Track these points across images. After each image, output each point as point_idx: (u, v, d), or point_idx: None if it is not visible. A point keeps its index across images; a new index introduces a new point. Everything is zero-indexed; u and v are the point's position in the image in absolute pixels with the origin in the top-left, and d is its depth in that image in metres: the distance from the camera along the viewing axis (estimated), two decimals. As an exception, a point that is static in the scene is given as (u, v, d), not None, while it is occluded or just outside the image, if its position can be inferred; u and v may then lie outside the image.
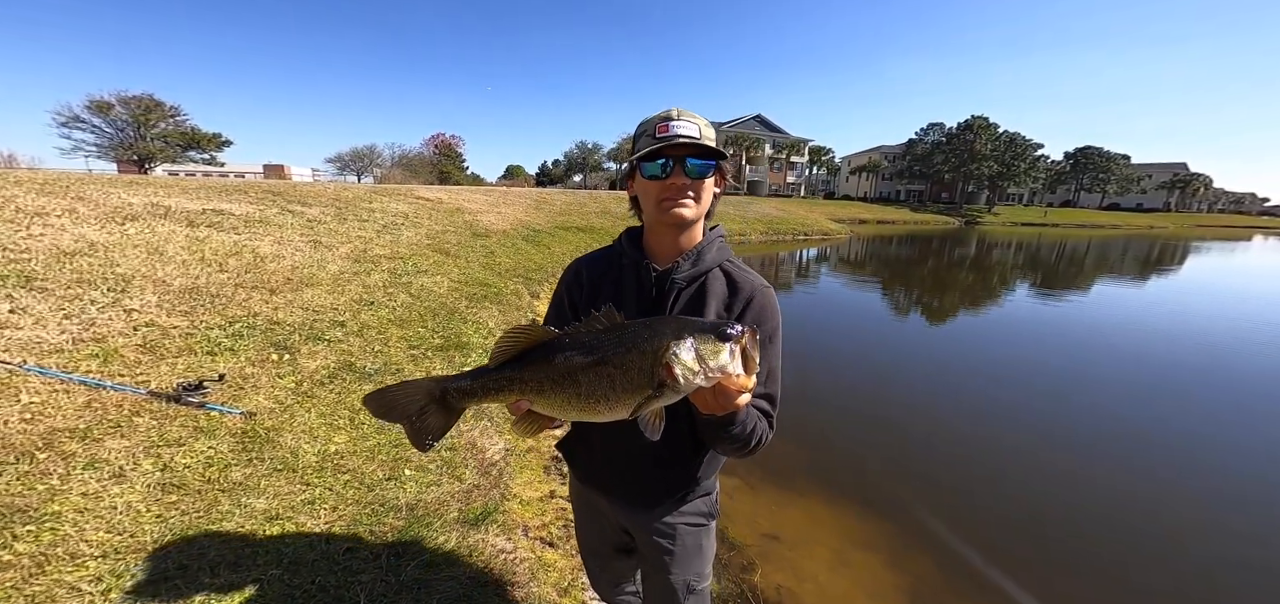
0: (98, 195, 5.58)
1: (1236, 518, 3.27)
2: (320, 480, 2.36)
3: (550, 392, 0.82)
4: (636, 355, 0.77)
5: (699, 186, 1.00)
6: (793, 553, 2.88)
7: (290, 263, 5.03)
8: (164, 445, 2.25)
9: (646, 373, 0.76)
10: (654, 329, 0.78)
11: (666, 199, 0.99)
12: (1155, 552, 2.99)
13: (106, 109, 31.55)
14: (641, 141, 1.01)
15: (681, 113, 0.99)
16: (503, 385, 0.85)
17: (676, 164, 0.97)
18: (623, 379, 0.77)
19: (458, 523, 2.34)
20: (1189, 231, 49.09)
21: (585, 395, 0.80)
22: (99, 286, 3.36)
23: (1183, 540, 3.07)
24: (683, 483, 1.14)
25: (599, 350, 0.79)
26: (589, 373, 0.79)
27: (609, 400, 0.79)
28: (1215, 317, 9.67)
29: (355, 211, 8.41)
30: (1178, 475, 3.78)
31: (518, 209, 14.23)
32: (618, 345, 0.78)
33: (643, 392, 0.77)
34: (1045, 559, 2.89)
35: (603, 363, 0.78)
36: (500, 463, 2.93)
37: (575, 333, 0.82)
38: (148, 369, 2.72)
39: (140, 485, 2.04)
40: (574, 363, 0.80)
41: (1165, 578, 2.79)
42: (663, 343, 0.76)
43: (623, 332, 0.80)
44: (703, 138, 0.97)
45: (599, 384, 0.78)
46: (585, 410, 0.81)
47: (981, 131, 57.13)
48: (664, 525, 1.15)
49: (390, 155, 47.94)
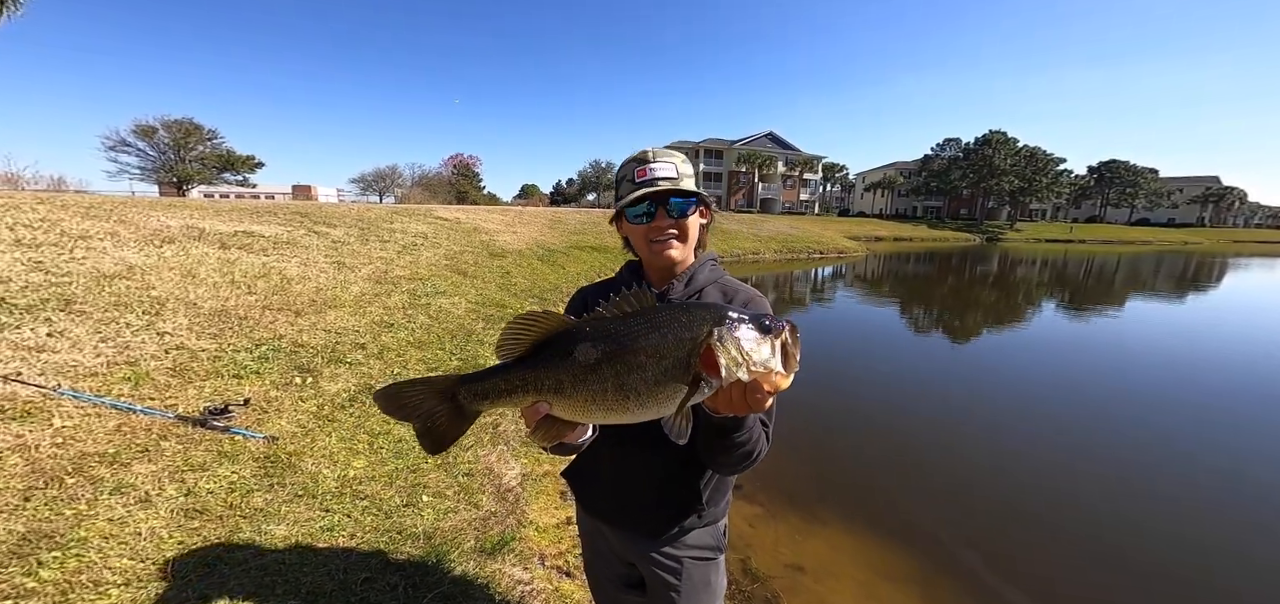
0: (138, 218, 5.83)
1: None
2: (339, 506, 2.35)
3: (570, 390, 0.73)
4: (672, 343, 0.69)
5: (683, 225, 1.03)
6: (819, 586, 2.76)
7: (315, 285, 5.15)
8: (189, 470, 2.28)
9: (682, 363, 0.69)
10: (691, 314, 0.71)
11: (655, 241, 1.03)
12: (1208, 583, 2.77)
13: (150, 133, 33.36)
14: (622, 187, 1.04)
15: (657, 153, 1.02)
16: (515, 386, 0.76)
17: (659, 206, 1.00)
18: (655, 371, 0.69)
19: (475, 552, 2.30)
20: (1225, 247, 47.00)
21: (613, 392, 0.71)
22: (135, 310, 3.48)
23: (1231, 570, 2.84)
24: (689, 511, 1.11)
25: (627, 338, 0.71)
26: (616, 365, 0.70)
27: (639, 396, 0.70)
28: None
29: (377, 232, 8.62)
30: (1230, 503, 3.52)
31: (533, 228, 14.41)
32: (649, 331, 0.71)
33: (678, 385, 0.69)
34: (1084, 586, 2.70)
35: (631, 352, 0.70)
36: (517, 488, 2.89)
37: (597, 320, 0.74)
38: (176, 392, 2.78)
39: (164, 511, 2.05)
40: (597, 354, 0.71)
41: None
42: (703, 329, 0.69)
43: (653, 316, 0.72)
44: (680, 178, 1.01)
45: (628, 377, 0.70)
46: (612, 410, 0.72)
47: (1000, 146, 56.18)
48: (669, 559, 1.12)
49: (410, 175, 49.49)
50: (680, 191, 0.99)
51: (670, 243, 1.02)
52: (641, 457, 1.10)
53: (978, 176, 56.66)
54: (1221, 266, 25.22)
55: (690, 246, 1.06)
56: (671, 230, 1.02)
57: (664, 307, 0.74)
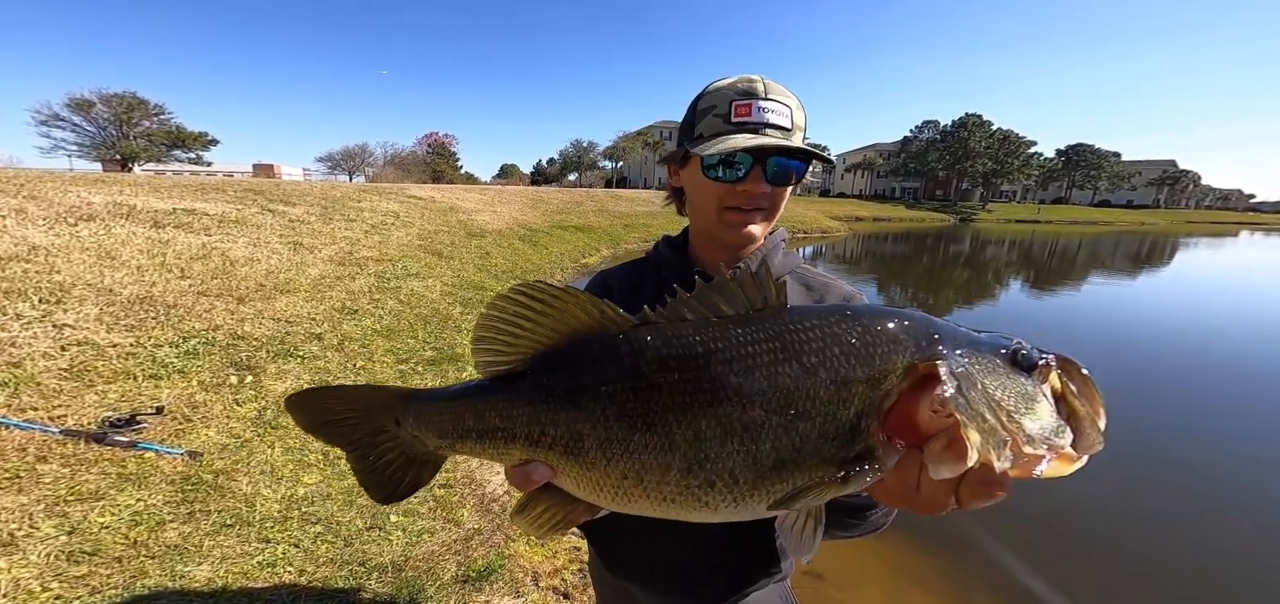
0: (54, 194, 5.08)
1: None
2: (283, 535, 1.93)
3: (597, 454, 0.40)
4: (829, 385, 0.37)
5: (778, 196, 0.74)
6: (842, 595, 2.55)
7: (265, 267, 4.55)
8: (74, 500, 1.80)
9: (846, 426, 0.37)
10: (865, 326, 0.38)
11: (733, 209, 0.73)
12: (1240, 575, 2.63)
13: (87, 107, 30.75)
14: (706, 122, 0.71)
15: (769, 87, 0.70)
16: (493, 428, 0.44)
17: (758, 165, 0.69)
18: (787, 436, 0.37)
19: (456, 582, 1.98)
20: (1179, 228, 49.70)
21: (687, 467, 0.38)
22: (29, 298, 2.87)
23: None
24: (756, 574, 0.83)
25: (736, 366, 0.38)
26: (707, 419, 0.38)
27: (740, 481, 0.38)
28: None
29: (342, 211, 7.94)
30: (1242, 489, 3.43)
31: (513, 208, 13.86)
32: (781, 357, 0.38)
33: (822, 464, 0.37)
34: (1125, 585, 2.54)
35: (743, 397, 0.38)
36: (504, 497, 2.53)
37: (667, 324, 0.42)
38: (69, 400, 2.24)
39: (36, 555, 1.59)
40: (670, 393, 0.39)
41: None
42: (899, 361, 0.37)
43: (787, 327, 0.39)
44: (794, 130, 0.70)
45: (728, 445, 0.38)
46: (678, 498, 0.40)
47: (975, 129, 57.58)
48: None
49: (382, 154, 47.46)
50: (790, 150, 0.68)
51: (754, 216, 0.73)
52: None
53: (954, 158, 58.02)
54: (1172, 247, 26.49)
55: (773, 222, 0.78)
56: (763, 200, 0.73)
57: (807, 311, 0.41)
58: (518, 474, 0.44)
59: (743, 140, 0.66)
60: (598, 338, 0.42)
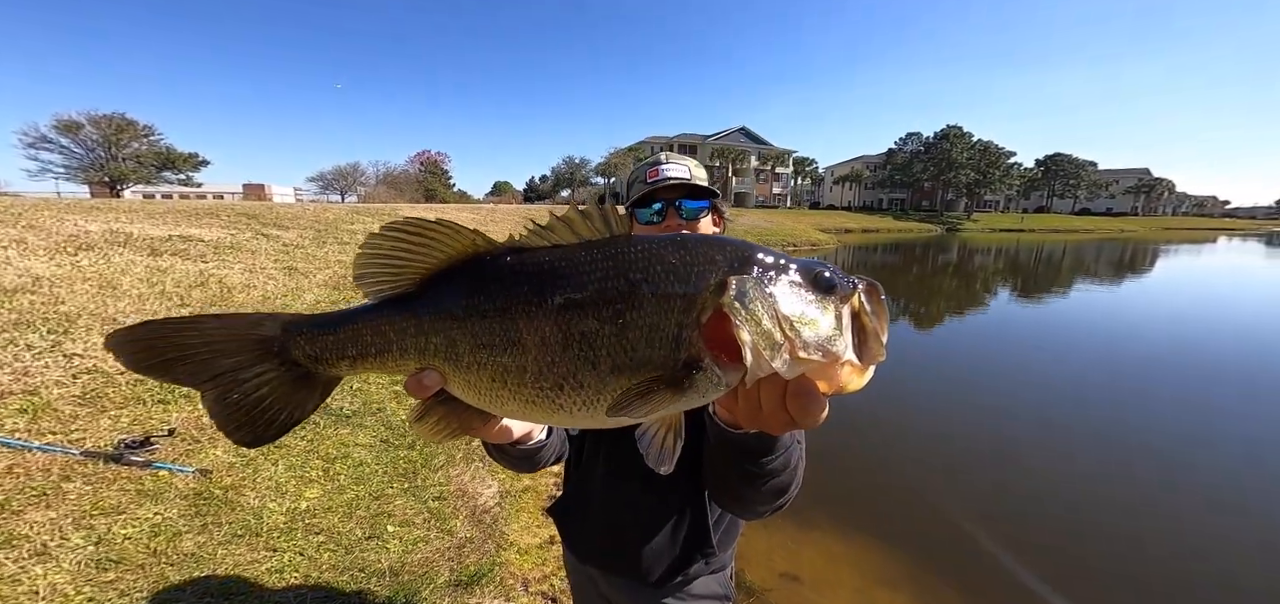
0: (51, 223, 5.19)
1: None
2: (289, 544, 2.08)
3: (470, 359, 0.45)
4: (652, 298, 0.42)
5: (695, 227, 0.99)
6: (815, 595, 2.69)
7: (261, 292, 4.70)
8: (98, 514, 1.95)
9: (669, 336, 0.42)
10: (690, 251, 0.44)
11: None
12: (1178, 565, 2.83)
13: (75, 129, 30.46)
14: (634, 188, 1.02)
15: (671, 156, 1.01)
16: (386, 342, 0.47)
17: (670, 207, 0.97)
18: (617, 344, 0.42)
19: (450, 586, 2.11)
20: (1157, 234, 50.99)
21: (537, 372, 0.44)
22: (38, 329, 3.01)
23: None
24: (694, 556, 0.97)
25: (572, 282, 0.43)
26: (548, 326, 0.43)
27: (584, 385, 0.43)
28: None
29: (336, 234, 8.08)
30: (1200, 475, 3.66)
31: (507, 226, 14.02)
32: (613, 275, 0.43)
33: (655, 373, 0.42)
34: (1079, 581, 2.71)
35: (578, 307, 0.43)
36: (495, 508, 2.67)
37: (529, 247, 0.47)
38: (85, 424, 2.39)
39: (68, 564, 1.74)
40: (520, 303, 0.44)
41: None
42: (710, 279, 0.42)
43: (624, 251, 0.44)
44: (693, 179, 0.98)
45: (567, 351, 0.43)
46: (536, 401, 0.45)
47: (957, 140, 58.88)
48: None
49: (374, 173, 47.35)
50: (692, 189, 0.97)
51: None
52: (637, 489, 0.95)
53: (937, 169, 59.20)
54: (1154, 253, 27.20)
55: None
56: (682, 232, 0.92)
57: (643, 238, 0.46)
58: (413, 382, 0.47)
59: (654, 189, 0.98)
60: (471, 259, 0.47)
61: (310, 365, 0.48)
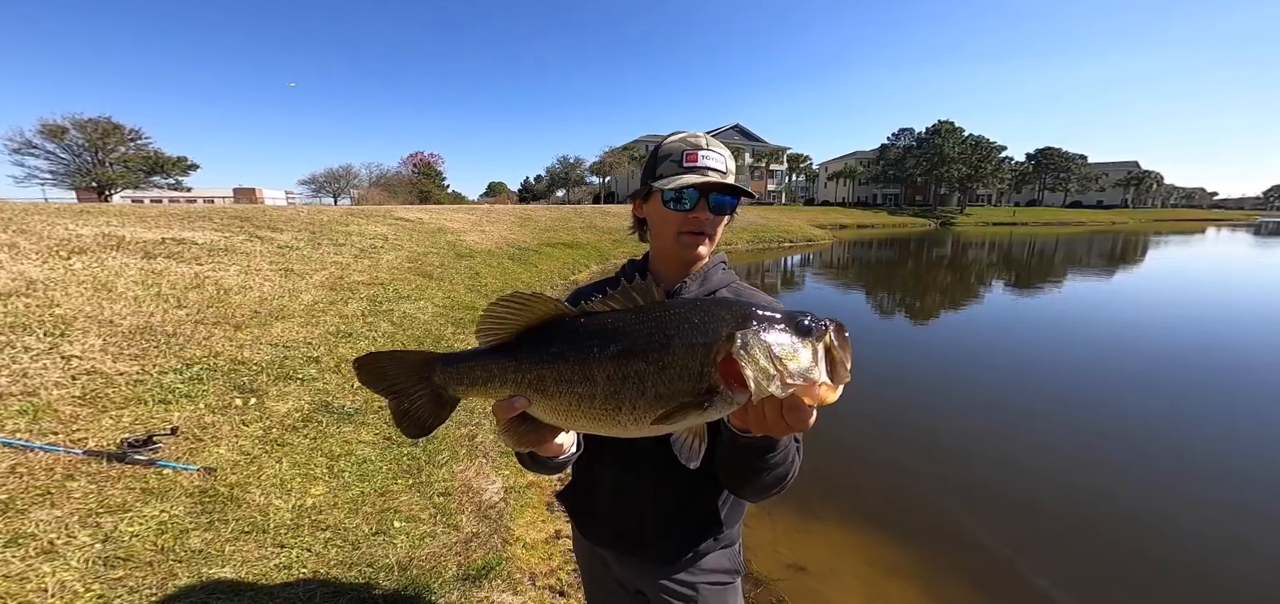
0: (42, 227, 5.13)
1: None
2: (296, 540, 2.08)
3: (554, 390, 0.64)
4: (682, 348, 0.60)
5: (717, 224, 0.96)
6: (823, 586, 2.68)
7: (258, 295, 4.67)
8: (105, 512, 1.93)
9: (694, 373, 0.59)
10: (706, 313, 0.62)
11: (687, 233, 0.94)
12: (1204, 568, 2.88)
13: (60, 133, 29.96)
14: (664, 166, 0.95)
15: (711, 142, 0.95)
16: (492, 374, 0.67)
17: (703, 199, 0.92)
18: (659, 379, 0.60)
19: (458, 581, 2.11)
20: (1147, 226, 51.58)
21: (603, 398, 0.62)
22: (35, 332, 2.98)
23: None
24: (704, 534, 1.00)
25: (627, 337, 0.62)
26: (611, 367, 0.61)
27: (636, 407, 0.61)
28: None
29: (330, 235, 8.03)
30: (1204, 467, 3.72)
31: (502, 227, 13.96)
32: (655, 331, 0.61)
33: (686, 398, 0.60)
34: (1088, 575, 2.75)
35: (631, 354, 0.61)
36: (500, 504, 2.67)
37: (595, 312, 0.65)
38: (87, 424, 2.37)
39: (76, 561, 1.73)
40: (591, 352, 0.62)
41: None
42: (722, 332, 0.59)
43: (662, 314, 0.63)
44: (729, 174, 0.94)
45: (625, 384, 0.61)
46: (601, 418, 0.63)
47: (949, 135, 59.20)
48: (683, 587, 1.01)
49: (367, 175, 46.97)
50: (728, 188, 0.92)
51: (702, 239, 0.94)
52: (647, 474, 0.97)
53: (930, 164, 59.52)
54: (1144, 243, 27.54)
55: (714, 245, 0.99)
56: (709, 226, 0.94)
57: (673, 303, 0.65)
58: (503, 406, 0.66)
59: (692, 179, 0.89)
60: (555, 321, 0.66)
61: (443, 388, 0.70)
